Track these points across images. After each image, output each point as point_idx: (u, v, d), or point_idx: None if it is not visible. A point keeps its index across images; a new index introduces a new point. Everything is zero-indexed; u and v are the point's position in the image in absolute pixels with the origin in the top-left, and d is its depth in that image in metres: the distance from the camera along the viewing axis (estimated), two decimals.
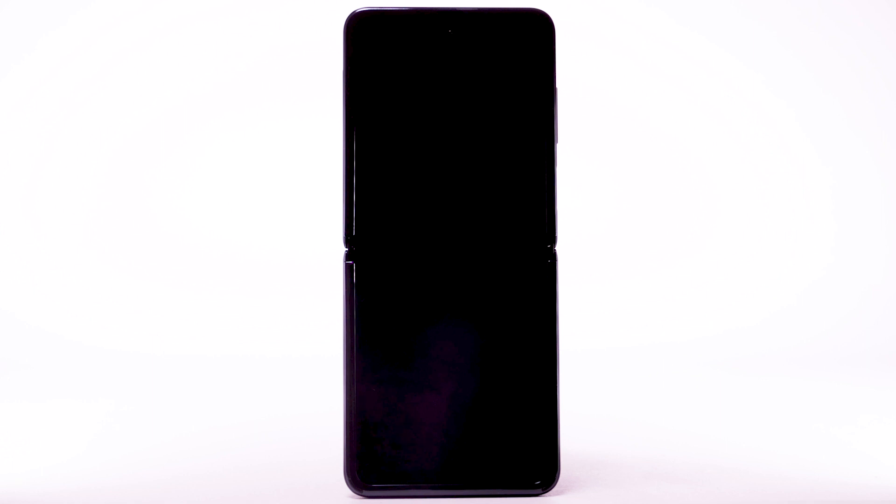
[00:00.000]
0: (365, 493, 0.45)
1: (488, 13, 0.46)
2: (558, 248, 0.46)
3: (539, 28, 0.46)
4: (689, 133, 1.19)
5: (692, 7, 1.21)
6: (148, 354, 1.02)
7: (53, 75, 1.17)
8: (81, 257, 1.14)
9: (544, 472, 0.45)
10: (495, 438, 0.45)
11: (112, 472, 0.53)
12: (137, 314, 1.10)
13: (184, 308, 1.10)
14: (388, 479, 0.45)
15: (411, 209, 0.46)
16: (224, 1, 1.18)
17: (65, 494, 0.48)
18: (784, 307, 1.12)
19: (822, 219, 1.18)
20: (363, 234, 0.46)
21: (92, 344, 1.04)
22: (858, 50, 1.21)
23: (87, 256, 1.14)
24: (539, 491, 0.46)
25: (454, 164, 0.46)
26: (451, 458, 0.45)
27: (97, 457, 0.57)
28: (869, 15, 1.22)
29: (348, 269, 0.46)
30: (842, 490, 0.48)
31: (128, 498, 0.47)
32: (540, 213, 0.46)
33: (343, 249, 0.46)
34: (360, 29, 0.46)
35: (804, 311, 1.11)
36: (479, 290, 0.46)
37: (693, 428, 0.66)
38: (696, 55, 1.20)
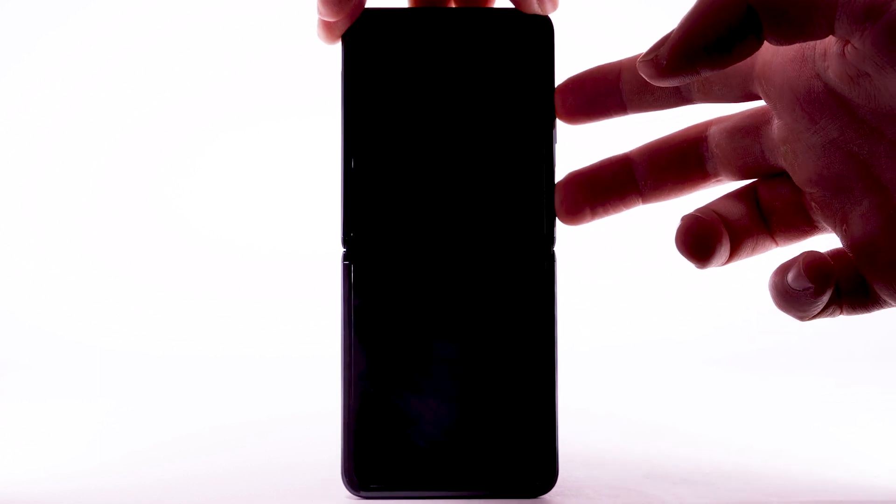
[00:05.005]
0: (362, 493, 0.45)
1: (487, 13, 0.46)
2: (557, 249, 0.46)
3: (539, 28, 0.46)
4: None
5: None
6: (148, 354, 1.02)
7: (53, 75, 1.17)
8: (81, 257, 1.14)
9: (543, 473, 0.45)
10: (494, 440, 0.45)
11: (112, 472, 0.53)
12: (137, 314, 1.09)
13: (184, 308, 1.10)
14: (386, 481, 0.45)
15: (409, 209, 0.46)
16: (224, 1, 1.18)
17: (65, 494, 0.48)
18: None
19: None
20: (361, 234, 0.46)
21: (92, 344, 1.04)
22: None
23: (87, 256, 1.14)
24: (539, 492, 0.45)
25: (453, 165, 0.46)
26: (449, 459, 0.45)
27: (97, 457, 0.57)
28: None
29: (346, 270, 0.46)
30: (842, 490, 0.48)
31: (128, 498, 0.47)
32: (539, 214, 0.46)
33: (341, 249, 0.46)
34: (358, 28, 0.46)
35: None
36: (478, 290, 0.46)
37: (693, 427, 0.66)
38: None
